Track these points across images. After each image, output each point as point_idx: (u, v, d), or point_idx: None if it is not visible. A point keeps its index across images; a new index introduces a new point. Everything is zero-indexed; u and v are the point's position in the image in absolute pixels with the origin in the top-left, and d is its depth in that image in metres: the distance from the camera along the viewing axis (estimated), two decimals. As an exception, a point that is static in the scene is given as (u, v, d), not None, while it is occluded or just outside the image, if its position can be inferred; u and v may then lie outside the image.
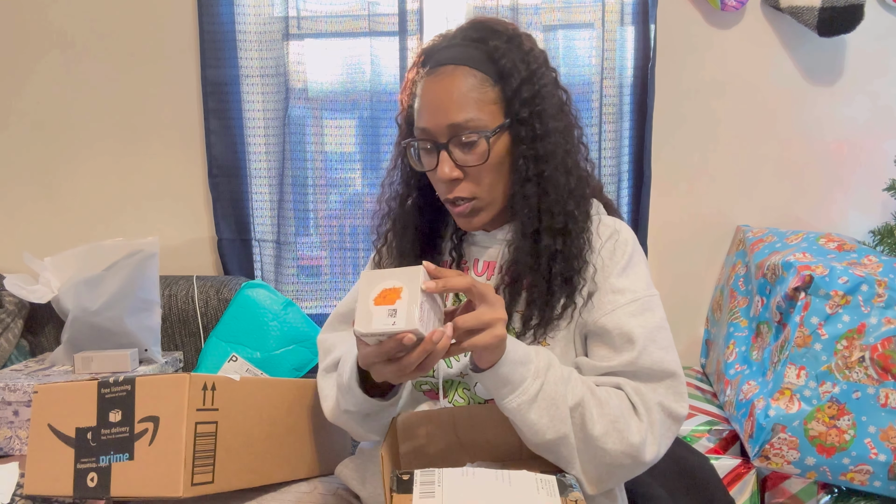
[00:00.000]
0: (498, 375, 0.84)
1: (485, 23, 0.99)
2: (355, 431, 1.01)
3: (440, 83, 0.94)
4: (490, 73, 0.95)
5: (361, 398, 0.92)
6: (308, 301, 2.11)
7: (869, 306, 1.42)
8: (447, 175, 0.94)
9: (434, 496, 0.77)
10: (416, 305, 0.75)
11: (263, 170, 2.05)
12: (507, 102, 0.95)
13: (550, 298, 0.96)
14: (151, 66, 2.05)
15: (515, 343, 0.86)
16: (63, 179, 2.11)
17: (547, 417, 0.85)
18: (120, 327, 1.71)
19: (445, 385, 1.01)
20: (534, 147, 0.96)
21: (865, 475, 1.43)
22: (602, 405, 0.88)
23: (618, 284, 0.97)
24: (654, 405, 0.91)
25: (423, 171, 1.01)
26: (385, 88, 2.00)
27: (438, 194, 1.01)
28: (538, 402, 0.85)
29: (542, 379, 0.86)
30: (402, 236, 1.06)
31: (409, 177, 1.06)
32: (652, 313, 0.96)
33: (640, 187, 2.00)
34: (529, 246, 0.96)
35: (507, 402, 0.85)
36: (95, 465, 0.91)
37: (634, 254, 1.00)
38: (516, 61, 0.95)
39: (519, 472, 0.84)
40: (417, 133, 0.97)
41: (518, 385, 0.85)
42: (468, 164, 0.95)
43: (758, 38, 1.98)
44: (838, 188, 2.03)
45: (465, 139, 0.93)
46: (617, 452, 0.88)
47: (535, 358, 0.87)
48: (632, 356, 0.92)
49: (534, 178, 0.96)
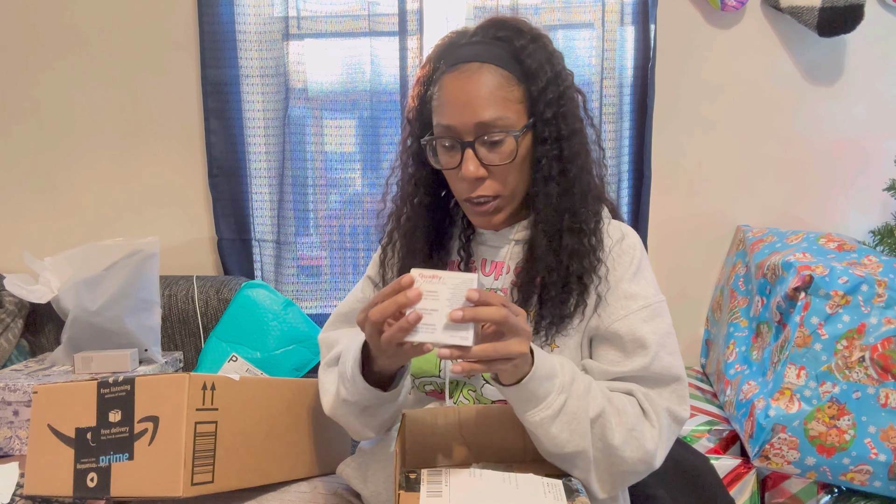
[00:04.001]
0: (524, 391, 0.83)
1: (508, 21, 0.99)
2: (352, 426, 1.00)
3: (466, 80, 0.93)
4: (515, 73, 0.95)
5: (362, 386, 0.91)
6: (308, 301, 2.11)
7: (869, 306, 1.42)
8: (473, 173, 0.93)
9: (441, 496, 0.78)
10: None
11: (263, 170, 2.05)
12: (531, 102, 0.96)
13: (566, 297, 0.96)
14: (152, 66, 2.05)
15: (542, 357, 0.84)
16: (63, 179, 2.11)
17: (568, 432, 0.85)
18: (120, 327, 1.71)
19: (451, 386, 1.01)
20: (558, 147, 0.96)
21: (865, 475, 1.43)
22: (620, 414, 0.89)
23: (629, 290, 0.97)
24: (662, 410, 0.93)
25: (431, 170, 1.00)
26: (385, 88, 2.00)
27: (456, 193, 1.00)
28: (561, 417, 0.84)
29: (566, 394, 0.85)
30: (410, 236, 1.05)
31: (417, 175, 1.05)
32: (661, 319, 0.97)
33: (640, 187, 2.00)
34: (551, 245, 0.96)
35: (529, 416, 0.84)
36: (95, 465, 0.91)
37: (643, 259, 1.01)
38: (542, 62, 0.95)
39: (526, 474, 0.84)
40: (439, 130, 0.96)
41: (542, 400, 0.84)
42: (493, 162, 0.94)
43: (758, 38, 1.98)
44: (838, 188, 2.03)
45: (491, 138, 0.93)
46: (634, 460, 0.89)
47: (559, 372, 0.86)
48: (644, 362, 0.93)
49: (557, 177, 0.96)
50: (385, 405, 0.95)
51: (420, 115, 1.02)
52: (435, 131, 0.97)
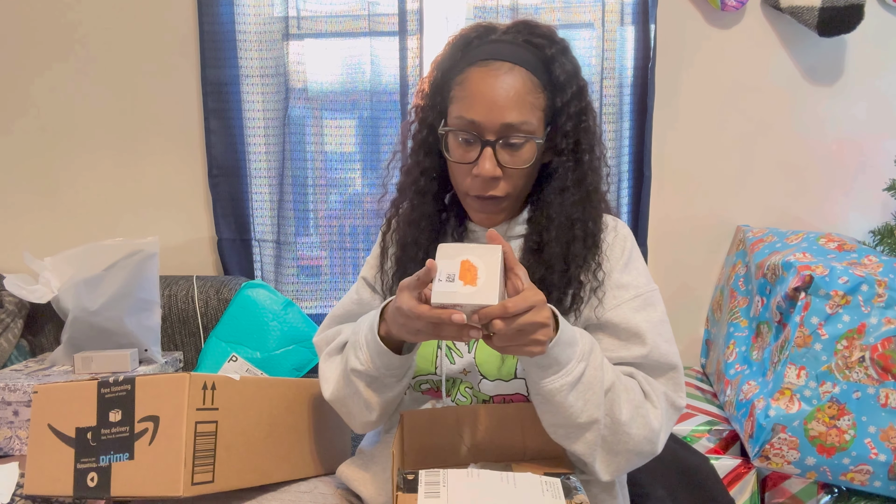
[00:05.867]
0: (548, 357, 0.82)
1: (541, 27, 0.99)
2: (354, 407, 0.98)
3: (496, 78, 0.93)
4: (542, 80, 0.96)
5: (376, 350, 0.90)
6: (308, 301, 2.11)
7: (869, 306, 1.42)
8: (489, 172, 0.93)
9: (439, 496, 0.78)
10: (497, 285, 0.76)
11: (263, 170, 2.05)
12: (552, 112, 0.97)
13: (563, 296, 0.97)
14: (151, 67, 2.05)
15: (564, 323, 0.85)
16: (63, 179, 2.11)
17: (583, 401, 0.85)
18: (120, 327, 1.71)
19: (448, 383, 1.01)
20: (575, 159, 0.98)
21: (865, 475, 1.43)
22: (628, 390, 0.90)
23: (621, 280, 0.99)
24: (661, 394, 0.94)
25: (437, 160, 1.01)
26: (385, 88, 2.00)
27: (461, 187, 0.99)
28: (578, 386, 0.85)
29: (585, 362, 0.85)
30: (406, 226, 1.05)
31: (423, 165, 1.04)
32: (654, 308, 0.98)
33: (639, 187, 2.00)
34: (561, 252, 0.97)
35: (548, 383, 0.84)
36: (95, 464, 0.91)
37: (633, 249, 1.03)
38: (571, 74, 0.97)
39: (524, 473, 0.84)
40: (461, 123, 0.95)
41: (563, 366, 0.84)
42: (510, 165, 0.95)
43: (758, 38, 1.98)
44: (838, 188, 2.03)
45: (513, 140, 0.93)
46: (640, 438, 0.90)
47: (580, 340, 0.86)
48: (643, 352, 0.94)
49: (572, 187, 0.98)
50: (391, 379, 0.93)
51: (432, 102, 1.02)
52: (455, 123, 0.96)
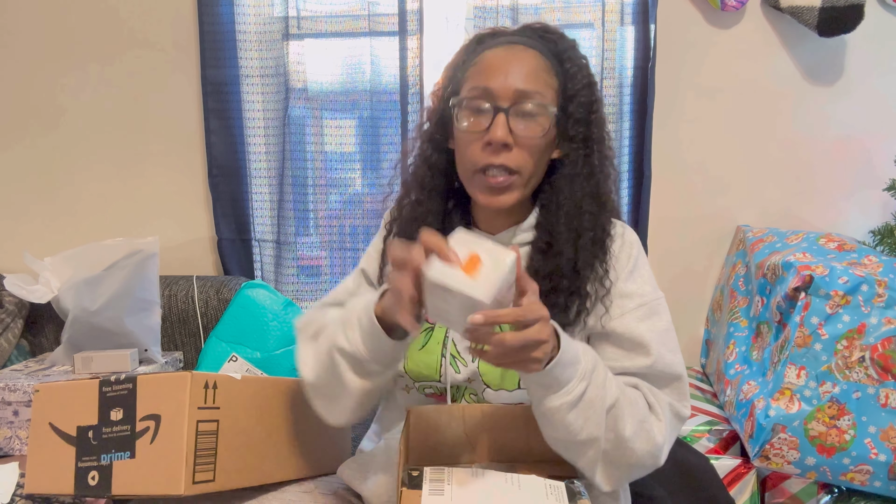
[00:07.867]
0: (548, 376, 0.81)
1: (552, 27, 1.02)
2: (332, 393, 0.94)
3: (511, 53, 0.95)
4: (555, 67, 0.98)
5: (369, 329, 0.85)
6: (308, 301, 2.11)
7: (869, 306, 1.42)
8: (500, 138, 0.92)
9: (443, 494, 0.77)
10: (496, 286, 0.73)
11: (263, 170, 2.05)
12: (564, 97, 0.97)
13: (570, 304, 0.96)
14: (152, 66, 2.05)
15: (567, 342, 0.83)
16: (63, 179, 2.11)
17: (583, 419, 0.84)
18: (120, 327, 1.71)
19: (452, 390, 1.01)
20: (586, 148, 0.98)
21: (865, 475, 1.43)
22: (632, 405, 0.89)
23: (626, 289, 0.98)
24: (666, 405, 0.93)
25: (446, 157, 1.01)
26: (385, 88, 2.00)
27: (470, 163, 0.97)
28: (580, 405, 0.83)
29: (587, 381, 0.84)
30: (410, 221, 1.04)
31: (430, 158, 1.04)
32: (659, 317, 0.97)
33: (639, 187, 2.00)
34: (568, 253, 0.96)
35: (548, 402, 0.83)
36: (97, 463, 0.91)
37: (640, 256, 1.01)
38: (581, 66, 0.99)
39: (528, 476, 0.84)
40: (474, 92, 0.95)
41: (563, 385, 0.82)
42: (522, 133, 0.94)
43: (758, 38, 1.98)
44: (838, 188, 2.03)
45: (527, 108, 0.93)
46: (643, 453, 0.89)
47: (582, 358, 0.85)
48: (647, 362, 0.93)
49: (583, 176, 0.98)
50: (376, 365, 0.88)
51: (444, 94, 1.02)
52: (469, 94, 0.96)
